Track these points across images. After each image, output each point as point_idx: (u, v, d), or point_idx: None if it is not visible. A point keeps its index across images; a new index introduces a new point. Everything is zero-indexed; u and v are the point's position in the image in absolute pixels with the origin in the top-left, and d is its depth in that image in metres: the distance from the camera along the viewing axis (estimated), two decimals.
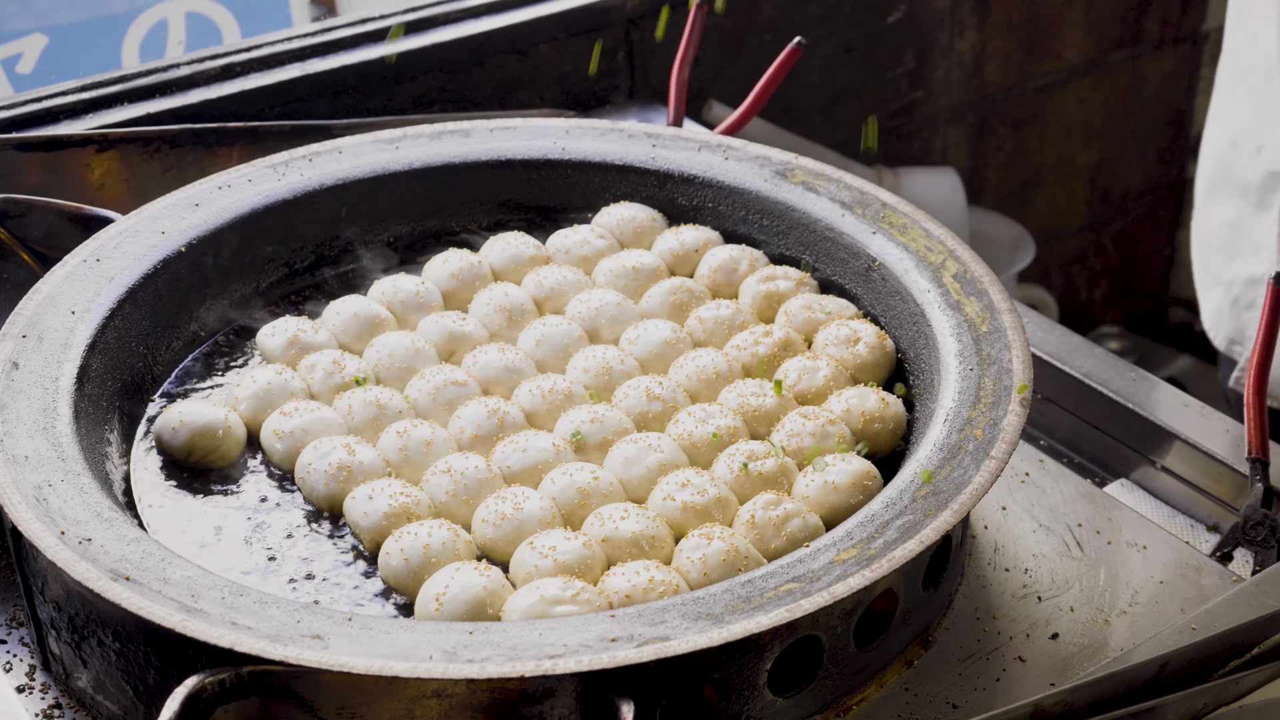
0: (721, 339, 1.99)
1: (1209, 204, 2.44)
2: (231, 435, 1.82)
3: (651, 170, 2.18)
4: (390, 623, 1.50)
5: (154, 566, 1.53)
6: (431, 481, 1.76)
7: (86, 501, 1.61)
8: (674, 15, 2.84)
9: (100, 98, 2.41)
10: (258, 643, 1.45)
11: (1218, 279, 2.39)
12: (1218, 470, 2.00)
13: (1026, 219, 3.70)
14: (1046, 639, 1.74)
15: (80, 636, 1.59)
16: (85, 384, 1.79)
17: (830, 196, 2.09)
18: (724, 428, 1.82)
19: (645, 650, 1.44)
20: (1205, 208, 2.45)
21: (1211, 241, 2.40)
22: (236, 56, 2.51)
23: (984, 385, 1.77)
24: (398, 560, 1.65)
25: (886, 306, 1.98)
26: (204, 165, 2.30)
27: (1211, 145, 2.46)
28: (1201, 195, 2.48)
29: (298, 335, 1.95)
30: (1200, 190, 2.50)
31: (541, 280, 2.07)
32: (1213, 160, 2.44)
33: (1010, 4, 3.48)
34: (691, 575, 1.63)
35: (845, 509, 1.71)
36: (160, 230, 2.00)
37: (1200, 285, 2.47)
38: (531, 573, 1.62)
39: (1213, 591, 1.80)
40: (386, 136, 2.19)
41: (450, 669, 1.43)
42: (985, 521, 1.90)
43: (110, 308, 1.88)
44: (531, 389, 1.88)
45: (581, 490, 1.73)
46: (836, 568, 1.54)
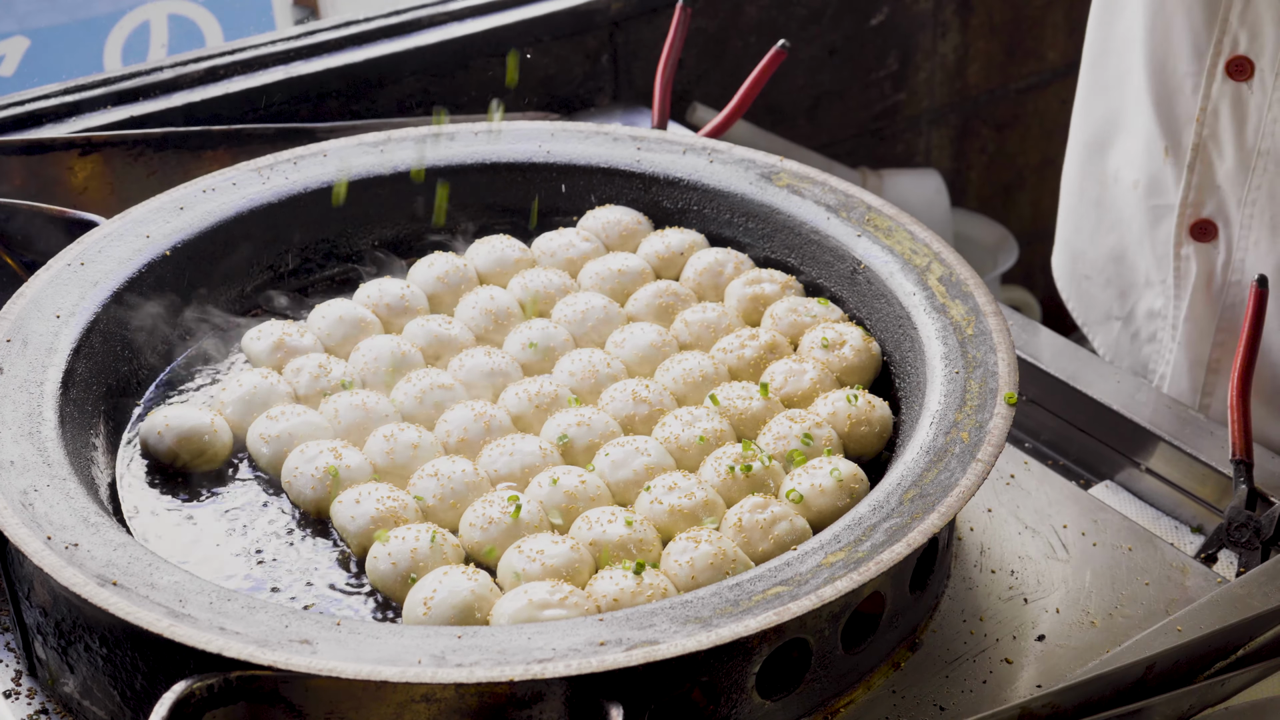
0: (708, 342, 1.99)
1: (1079, 238, 2.42)
2: (218, 439, 1.82)
3: (637, 173, 2.18)
4: (378, 627, 1.50)
5: (141, 571, 1.53)
6: (418, 485, 1.75)
7: (73, 506, 1.61)
8: (657, 18, 2.84)
9: (83, 100, 2.40)
10: (246, 648, 1.44)
11: (1109, 314, 2.40)
12: (1202, 472, 2.01)
13: (1009, 220, 3.71)
14: (1033, 641, 1.75)
15: (67, 642, 1.59)
16: (70, 388, 1.78)
17: (815, 199, 2.09)
18: (711, 431, 1.82)
19: (634, 654, 1.44)
20: (1075, 242, 2.44)
21: (1094, 278, 2.40)
22: (220, 59, 2.50)
23: (970, 388, 1.77)
24: (385, 564, 1.65)
25: (872, 309, 1.99)
26: (188, 168, 2.30)
27: (1080, 178, 2.44)
28: (1069, 229, 2.46)
29: (283, 339, 1.95)
30: (1067, 225, 2.48)
31: (527, 283, 2.07)
32: (1084, 194, 2.42)
33: (992, 6, 3.48)
34: (679, 578, 1.63)
35: (832, 512, 1.71)
36: (145, 234, 1.99)
37: (1087, 320, 2.46)
38: (520, 576, 1.62)
39: (1198, 593, 1.81)
40: (371, 140, 2.19)
41: (439, 673, 1.43)
42: (971, 524, 1.91)
43: (95, 312, 1.87)
44: (518, 392, 1.88)
45: (569, 494, 1.73)
46: (824, 571, 1.54)
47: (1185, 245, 2.20)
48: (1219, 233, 2.16)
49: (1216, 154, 2.11)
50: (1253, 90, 2.06)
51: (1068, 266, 2.48)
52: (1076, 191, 2.43)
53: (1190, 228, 2.19)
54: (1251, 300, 1.90)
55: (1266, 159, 2.06)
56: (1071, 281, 2.48)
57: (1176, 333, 2.27)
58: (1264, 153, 2.06)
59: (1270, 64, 2.02)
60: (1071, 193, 2.46)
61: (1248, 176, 2.09)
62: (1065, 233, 2.48)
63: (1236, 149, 2.09)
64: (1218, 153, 2.11)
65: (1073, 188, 2.45)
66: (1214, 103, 2.09)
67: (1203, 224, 2.17)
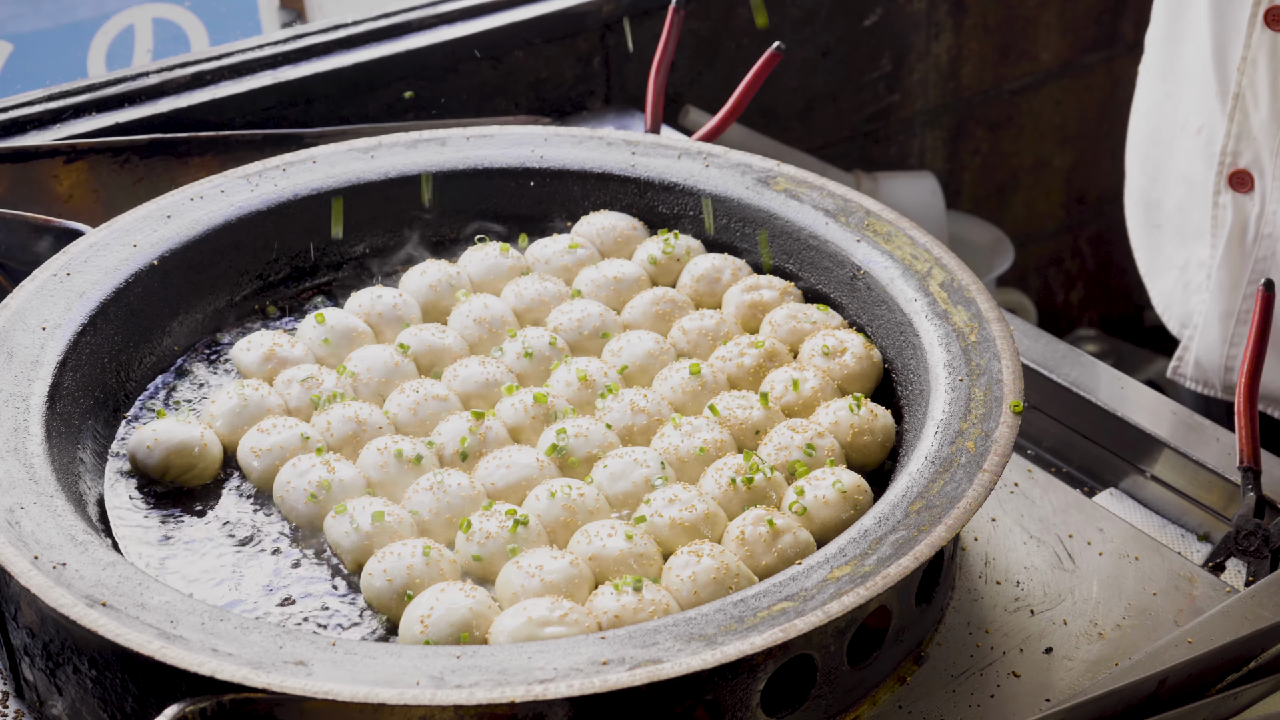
0: (706, 350, 1.96)
1: (1155, 187, 2.44)
2: (207, 453, 1.78)
3: (632, 178, 2.15)
4: (375, 648, 1.46)
5: (131, 591, 1.50)
6: (414, 499, 1.72)
7: (60, 524, 1.57)
8: (651, 21, 2.81)
9: (68, 107, 2.37)
10: (239, 670, 1.41)
11: (1170, 262, 2.41)
12: (1208, 479, 1.98)
13: (1003, 222, 3.69)
14: (1040, 653, 1.72)
15: (55, 664, 1.55)
16: (57, 402, 1.75)
17: (813, 204, 2.06)
18: (711, 441, 1.79)
19: (637, 674, 1.41)
20: (1151, 191, 2.46)
21: (1165, 226, 2.41)
22: (206, 64, 2.47)
23: (974, 396, 1.75)
24: (380, 581, 1.61)
25: (873, 316, 1.96)
26: (175, 176, 2.26)
27: (1154, 127, 2.45)
28: (1145, 180, 2.49)
29: (274, 350, 1.91)
30: (1140, 174, 2.50)
31: (521, 291, 2.03)
32: (1159, 141, 2.44)
33: (986, 7, 3.46)
34: (681, 594, 1.59)
35: (836, 524, 1.68)
36: (132, 243, 1.96)
37: (1149, 270, 2.49)
38: (518, 593, 1.59)
39: (1206, 603, 1.78)
40: (361, 146, 2.15)
41: (438, 695, 1.39)
42: (975, 533, 1.88)
43: (82, 323, 1.84)
44: (514, 403, 1.85)
45: (567, 507, 1.70)
46: (830, 586, 1.51)
47: (1223, 194, 2.23)
48: (1255, 184, 2.18)
49: (1253, 103, 2.14)
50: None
51: (1141, 216, 2.51)
52: (1154, 141, 2.45)
53: (1229, 177, 2.21)
54: (1258, 306, 1.88)
55: None
56: (1144, 231, 2.50)
57: (1210, 282, 2.27)
58: None
59: None
60: (1149, 143, 2.47)
61: (1279, 127, 2.10)
62: (1141, 184, 2.50)
63: (1271, 99, 2.13)
64: (1254, 102, 2.14)
65: (1150, 138, 2.47)
66: (1254, 51, 2.12)
67: (1240, 174, 2.20)
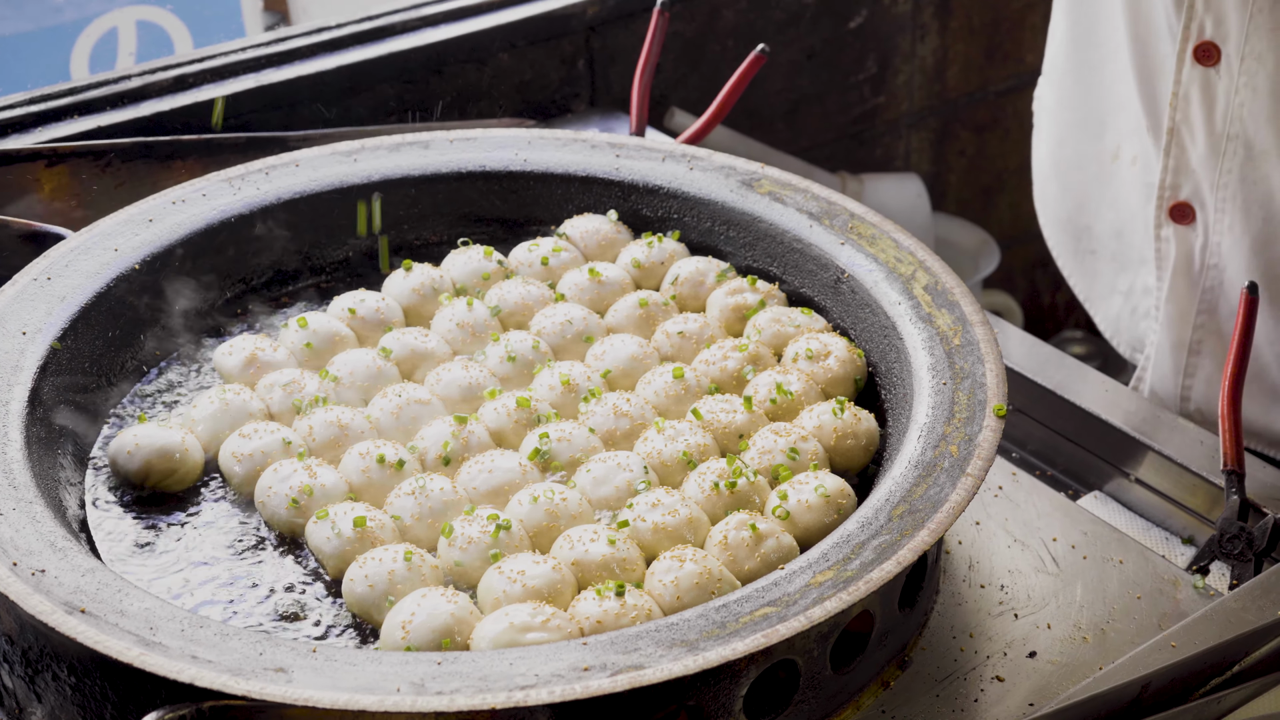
0: (689, 353, 1.95)
1: (1084, 214, 2.43)
2: (188, 458, 1.77)
3: (616, 181, 2.15)
4: (356, 654, 1.46)
5: (110, 598, 1.49)
6: (396, 504, 1.71)
7: (39, 531, 1.56)
8: (635, 22, 2.81)
9: (49, 110, 2.35)
10: (219, 677, 1.40)
11: (1112, 288, 2.40)
12: (1192, 482, 1.98)
13: (989, 224, 3.68)
14: (1024, 657, 1.72)
15: (34, 671, 1.54)
16: (37, 407, 1.74)
17: (798, 207, 2.06)
18: (694, 445, 1.78)
19: (619, 680, 1.41)
20: (1078, 219, 2.44)
21: (1099, 252, 2.40)
22: (189, 67, 2.46)
23: (958, 400, 1.74)
24: (362, 586, 1.61)
25: (856, 319, 1.95)
26: (157, 179, 2.25)
27: (1077, 156, 2.43)
28: (1071, 206, 2.46)
29: (256, 354, 1.91)
30: (1062, 201, 2.48)
31: (505, 295, 2.03)
32: (1084, 169, 2.42)
33: (971, 8, 3.46)
34: (664, 599, 1.59)
35: (819, 528, 1.68)
36: (113, 247, 1.95)
37: (1089, 296, 2.47)
38: (500, 598, 1.58)
39: (1190, 606, 1.78)
40: (344, 149, 2.15)
41: (419, 701, 1.39)
42: (959, 537, 1.87)
43: (62, 328, 1.83)
44: (497, 407, 1.84)
45: (550, 512, 1.69)
46: (813, 590, 1.51)
47: (1165, 227, 2.21)
48: (1196, 215, 2.16)
49: (1189, 138, 2.12)
50: (1220, 75, 2.06)
51: (1070, 244, 2.49)
52: (1077, 168, 2.43)
53: (1170, 210, 2.19)
54: (1242, 307, 1.88)
55: (1236, 143, 2.07)
56: (1075, 258, 2.48)
57: (1159, 313, 2.26)
58: (1233, 137, 2.07)
59: (1235, 49, 2.03)
60: (1070, 170, 2.45)
61: (1219, 161, 2.10)
62: (1065, 211, 2.48)
63: (1207, 134, 2.10)
64: (1190, 137, 2.12)
65: (1070, 165, 2.45)
66: (1184, 88, 2.10)
67: (1181, 206, 2.18)
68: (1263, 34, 2.00)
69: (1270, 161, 2.06)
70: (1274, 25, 1.99)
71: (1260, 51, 2.02)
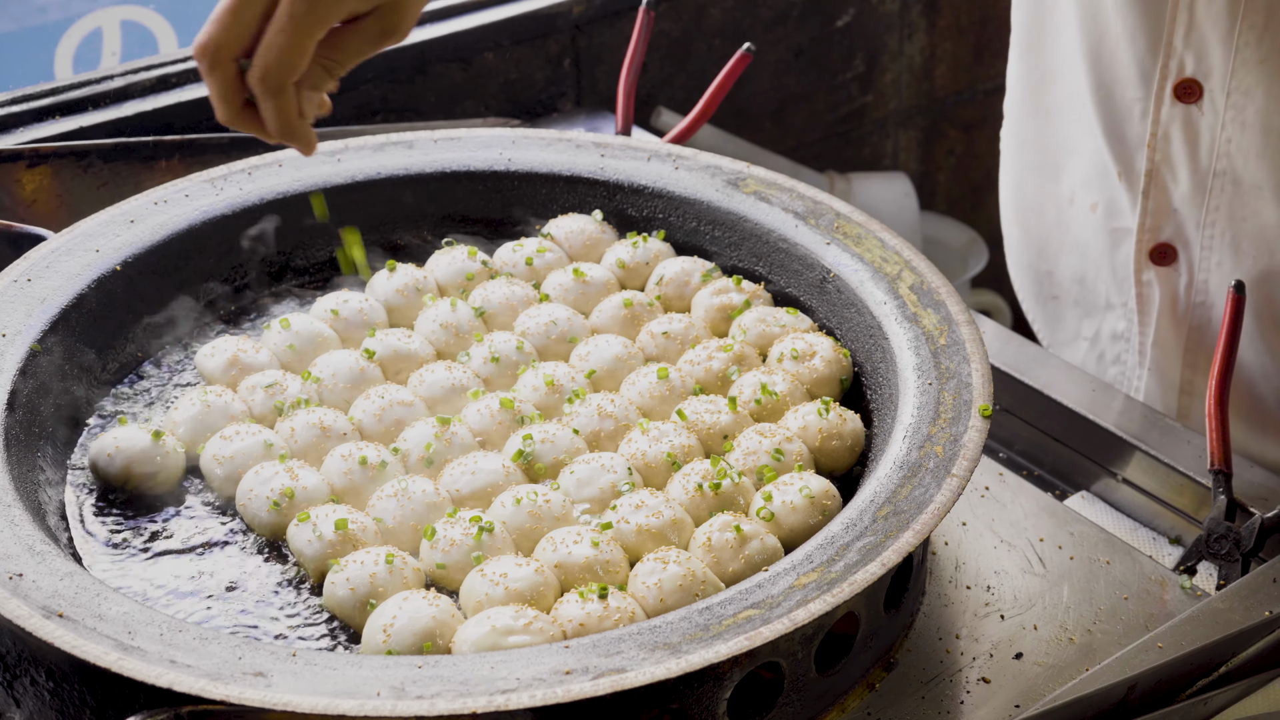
0: (674, 354, 1.94)
1: (1044, 260, 2.40)
2: (170, 461, 1.76)
3: (601, 181, 2.14)
4: (336, 658, 1.45)
5: (89, 602, 1.48)
6: (378, 506, 1.70)
7: (17, 534, 1.55)
8: (621, 21, 2.80)
9: (31, 110, 2.34)
10: (197, 681, 1.39)
11: (1076, 334, 2.37)
12: (1179, 482, 1.97)
13: (978, 222, 3.68)
14: (1010, 659, 1.71)
15: (12, 676, 1.53)
16: (15, 410, 1.73)
17: (783, 206, 2.05)
18: (678, 447, 1.77)
19: (601, 683, 1.40)
20: (1039, 265, 2.41)
21: (1062, 298, 2.37)
22: (172, 67, 2.44)
23: (943, 400, 1.73)
24: (343, 590, 1.59)
25: (842, 319, 1.94)
26: (140, 180, 2.24)
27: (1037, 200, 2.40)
28: (1031, 252, 2.43)
29: (237, 356, 1.89)
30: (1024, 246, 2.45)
31: (489, 295, 2.02)
32: (1044, 215, 2.39)
33: (959, 7, 3.45)
34: (647, 601, 1.58)
35: (804, 530, 1.67)
36: (94, 248, 1.93)
37: (1052, 342, 2.43)
38: (482, 601, 1.57)
39: (1177, 607, 1.77)
40: (327, 148, 2.13)
41: (399, 706, 1.38)
42: (945, 538, 1.87)
43: (42, 329, 1.82)
44: (480, 408, 1.83)
45: (533, 513, 1.68)
46: (797, 593, 1.50)
47: (1146, 271, 2.18)
48: (1179, 256, 2.14)
49: (1171, 178, 2.09)
50: (1203, 112, 2.03)
51: (1032, 288, 2.46)
52: (1036, 213, 2.40)
53: (1150, 252, 2.16)
54: (1229, 307, 1.87)
55: (1223, 179, 2.04)
56: (1038, 303, 2.45)
57: (1145, 359, 2.24)
58: (1220, 173, 2.04)
59: (1220, 84, 2.00)
60: (1029, 215, 2.42)
61: (1205, 198, 2.07)
62: (1027, 255, 2.45)
63: (1191, 172, 2.07)
64: (1172, 177, 2.09)
65: (1030, 209, 2.42)
66: (1164, 127, 2.07)
67: (1162, 248, 2.15)
68: (1250, 67, 1.98)
69: (1261, 196, 2.04)
70: (1262, 58, 1.97)
71: (1248, 85, 1.99)
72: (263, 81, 1.57)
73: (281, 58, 1.55)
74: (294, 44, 1.54)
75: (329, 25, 1.57)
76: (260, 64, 1.56)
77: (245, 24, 1.56)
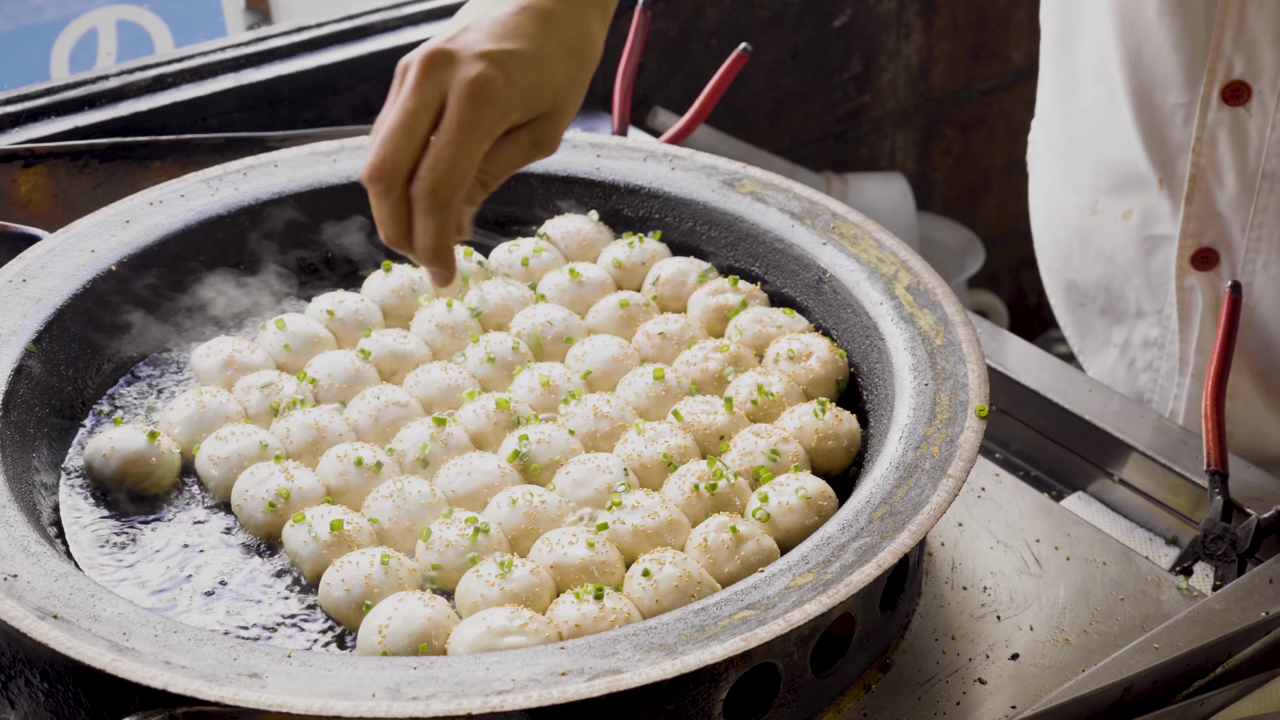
0: (670, 354, 1.94)
1: (1070, 268, 2.39)
2: (165, 462, 1.76)
3: (597, 181, 2.14)
4: (331, 659, 1.44)
5: (83, 603, 1.47)
6: (373, 507, 1.70)
7: (12, 535, 1.55)
8: (617, 21, 2.79)
9: (26, 110, 2.34)
10: (192, 683, 1.39)
11: (1107, 340, 2.37)
12: (1175, 482, 1.97)
13: (974, 223, 3.68)
14: (1006, 659, 1.71)
15: (7, 677, 1.53)
16: (11, 410, 1.73)
17: (780, 207, 2.05)
18: (674, 447, 1.77)
19: (596, 684, 1.40)
20: (1065, 272, 2.41)
21: (1089, 306, 2.37)
22: (168, 67, 2.44)
23: (939, 401, 1.73)
24: (339, 590, 1.59)
25: (838, 320, 1.94)
26: (135, 180, 2.24)
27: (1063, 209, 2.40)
28: (1059, 259, 2.43)
29: (233, 356, 1.89)
30: (1053, 253, 2.44)
31: (485, 296, 2.01)
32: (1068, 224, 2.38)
33: (956, 7, 3.45)
34: (643, 602, 1.58)
35: (800, 530, 1.67)
36: (90, 248, 1.93)
37: (1082, 348, 2.43)
38: (478, 602, 1.57)
39: (1173, 607, 1.77)
40: (324, 149, 2.13)
41: (394, 707, 1.37)
42: (942, 539, 1.86)
43: (37, 330, 1.82)
44: (476, 409, 1.83)
45: (529, 514, 1.68)
46: (792, 594, 1.50)
47: (1188, 276, 2.16)
48: (1220, 260, 2.13)
49: (1216, 182, 2.08)
50: (1251, 113, 2.03)
51: (1063, 295, 2.45)
52: (1061, 219, 2.39)
53: (1192, 258, 2.15)
54: (1225, 307, 1.87)
55: (1272, 179, 2.04)
56: (1067, 309, 2.45)
57: (1188, 365, 2.23)
58: (1269, 174, 2.04)
59: (1270, 85, 2.00)
60: (1056, 221, 2.41)
61: (1252, 199, 2.06)
62: (1054, 262, 2.44)
63: (1238, 175, 2.06)
64: (1217, 181, 2.08)
65: (1056, 215, 2.41)
66: (1210, 131, 2.06)
67: (1204, 253, 2.14)
68: None
69: None
70: None
71: None
72: (432, 195, 1.50)
73: (451, 171, 1.50)
74: (463, 157, 1.49)
75: (495, 136, 1.52)
76: (430, 178, 1.50)
77: (416, 142, 1.51)
